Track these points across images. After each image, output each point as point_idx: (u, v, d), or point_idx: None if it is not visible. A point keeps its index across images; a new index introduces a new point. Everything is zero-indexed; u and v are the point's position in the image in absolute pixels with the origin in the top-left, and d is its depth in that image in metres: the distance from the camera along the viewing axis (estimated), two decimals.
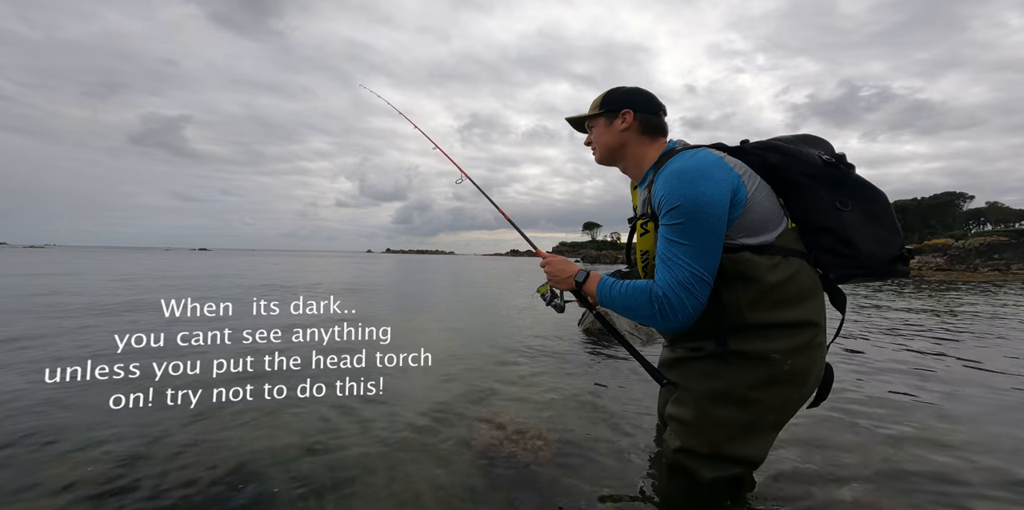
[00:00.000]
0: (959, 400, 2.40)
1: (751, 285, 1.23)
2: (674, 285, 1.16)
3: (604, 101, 1.44)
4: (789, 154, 1.31)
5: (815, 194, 1.29)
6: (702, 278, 1.17)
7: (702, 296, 1.18)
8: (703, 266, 1.17)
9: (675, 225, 1.19)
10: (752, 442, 1.30)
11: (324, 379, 2.62)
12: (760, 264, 1.22)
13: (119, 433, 1.76)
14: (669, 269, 1.18)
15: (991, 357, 3.47)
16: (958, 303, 8.00)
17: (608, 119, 1.44)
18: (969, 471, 1.58)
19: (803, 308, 1.27)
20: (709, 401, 1.30)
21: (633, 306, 1.23)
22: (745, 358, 1.25)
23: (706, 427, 1.31)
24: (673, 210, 1.19)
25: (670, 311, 1.17)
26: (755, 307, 1.24)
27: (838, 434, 1.88)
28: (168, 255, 40.25)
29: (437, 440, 1.75)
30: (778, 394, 1.27)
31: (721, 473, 1.32)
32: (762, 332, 1.25)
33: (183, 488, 1.37)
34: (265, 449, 1.65)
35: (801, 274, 1.27)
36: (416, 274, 16.35)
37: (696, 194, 1.17)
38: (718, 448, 1.30)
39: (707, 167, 1.22)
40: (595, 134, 1.48)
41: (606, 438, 1.80)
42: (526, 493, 1.38)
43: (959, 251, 30.02)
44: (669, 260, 1.19)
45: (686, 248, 1.17)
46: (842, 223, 1.28)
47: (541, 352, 3.36)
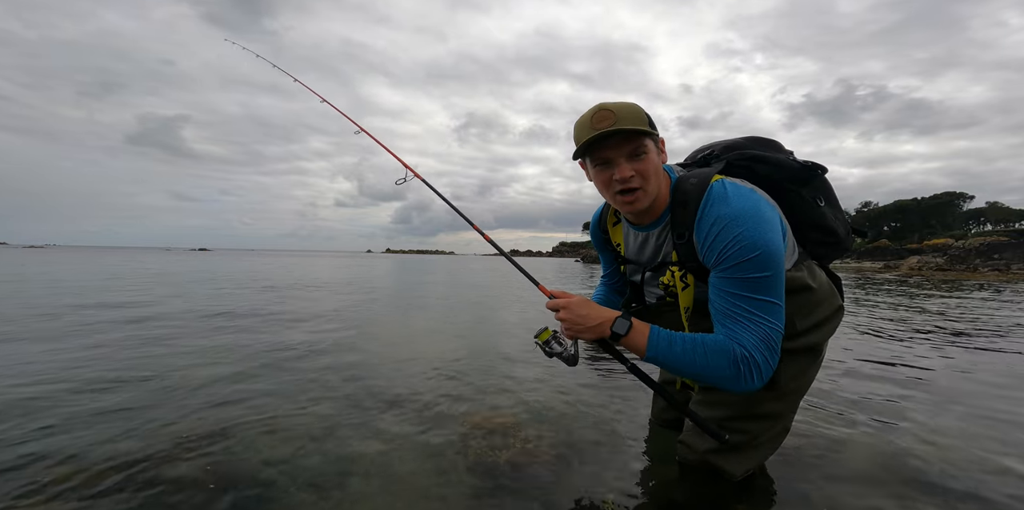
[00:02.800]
0: (963, 397, 2.40)
1: (798, 295, 1.29)
2: (760, 345, 1.05)
3: (649, 119, 1.16)
4: (774, 164, 1.35)
5: (799, 196, 1.36)
6: (781, 332, 1.09)
7: (779, 349, 1.09)
8: (781, 320, 1.09)
9: (751, 280, 1.06)
10: (784, 422, 1.39)
11: (323, 378, 2.63)
12: (799, 276, 1.29)
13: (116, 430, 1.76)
14: (748, 328, 1.06)
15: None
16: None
17: (656, 144, 1.19)
18: (977, 468, 1.58)
19: (832, 299, 1.38)
20: (757, 401, 1.33)
21: (707, 366, 1.07)
22: (794, 354, 1.30)
23: (749, 424, 1.35)
24: (747, 262, 1.05)
25: (756, 373, 1.06)
26: (803, 314, 1.31)
27: (837, 430, 1.88)
28: (165, 256, 40.26)
29: (433, 441, 1.75)
30: (809, 378, 1.38)
31: (749, 464, 1.38)
32: (809, 332, 1.33)
33: (169, 488, 1.37)
34: (262, 448, 1.64)
35: (819, 272, 1.38)
36: (417, 275, 16.37)
37: (769, 243, 1.06)
38: (757, 438, 1.36)
39: (763, 208, 1.11)
40: (649, 163, 1.15)
41: (605, 439, 1.80)
42: (525, 493, 1.38)
43: (959, 251, 30.00)
44: (747, 318, 1.07)
45: (767, 305, 1.07)
46: (824, 217, 1.37)
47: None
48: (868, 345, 3.89)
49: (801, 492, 1.42)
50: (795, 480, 1.49)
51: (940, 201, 69.83)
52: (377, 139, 1.93)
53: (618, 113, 1.11)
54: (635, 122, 1.11)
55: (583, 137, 1.14)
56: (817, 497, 1.40)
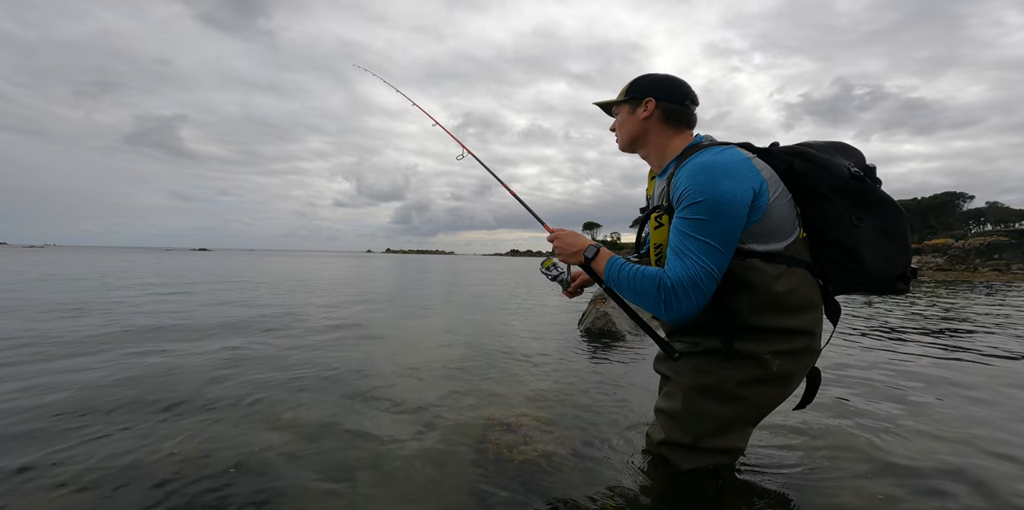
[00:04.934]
0: (958, 396, 2.40)
1: (756, 292, 1.26)
2: (684, 279, 1.17)
3: (630, 88, 1.45)
4: (818, 163, 1.28)
5: (835, 207, 1.28)
6: (712, 275, 1.18)
7: (708, 293, 1.19)
8: (715, 263, 1.18)
9: (694, 220, 1.18)
10: (731, 436, 1.38)
11: (325, 378, 2.63)
12: (766, 273, 1.25)
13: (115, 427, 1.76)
14: (682, 262, 1.18)
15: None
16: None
17: (632, 106, 1.44)
18: (965, 467, 1.58)
19: (801, 317, 1.29)
20: (697, 395, 1.36)
21: (639, 291, 1.23)
22: (738, 356, 1.30)
23: (691, 420, 1.38)
24: (694, 205, 1.18)
25: (675, 303, 1.18)
26: (756, 312, 1.27)
27: (829, 430, 1.88)
28: (171, 256, 40.27)
29: (436, 439, 1.75)
30: (764, 393, 1.33)
31: (698, 464, 1.40)
32: (758, 335, 1.28)
33: (171, 488, 1.37)
34: (265, 447, 1.64)
35: (804, 285, 1.29)
36: (417, 274, 16.38)
37: (719, 191, 1.17)
38: (699, 440, 1.38)
39: (734, 165, 1.21)
40: (618, 121, 1.50)
41: (605, 436, 1.80)
42: (524, 491, 1.38)
43: (959, 251, 30.03)
44: (683, 254, 1.19)
45: (701, 244, 1.17)
46: (854, 239, 1.28)
47: (541, 353, 3.36)
48: (868, 344, 3.89)
49: (801, 492, 1.42)
50: (795, 480, 1.49)
51: (940, 201, 69.79)
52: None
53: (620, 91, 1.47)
54: (618, 96, 1.47)
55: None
56: (818, 497, 1.40)
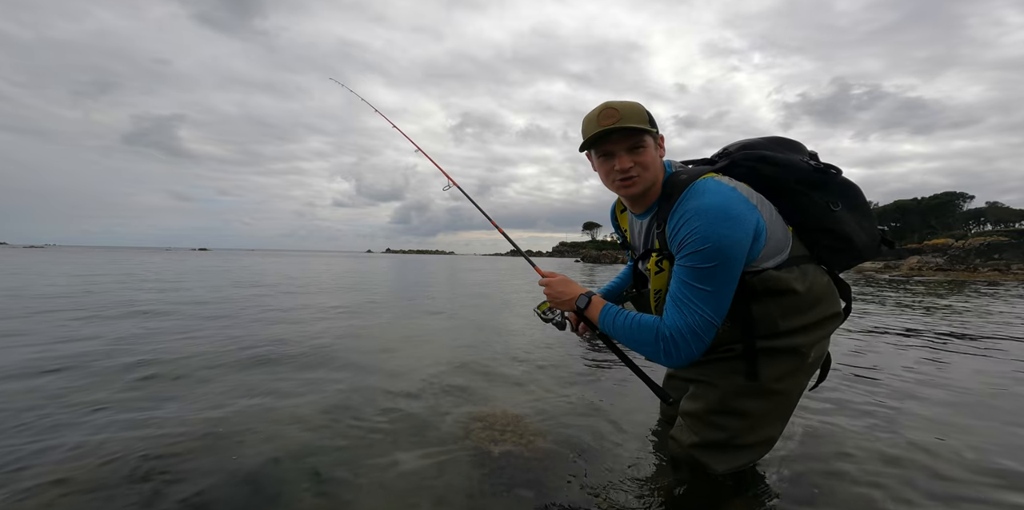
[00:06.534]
0: (968, 397, 2.39)
1: (783, 297, 1.28)
2: (683, 329, 1.16)
3: (650, 117, 1.28)
4: (780, 165, 1.33)
5: (808, 198, 1.34)
6: (711, 323, 1.17)
7: (708, 340, 1.18)
8: (715, 311, 1.17)
9: (694, 268, 1.16)
10: (769, 430, 1.39)
11: (324, 378, 2.62)
12: (786, 277, 1.27)
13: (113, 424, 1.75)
14: (680, 312, 1.17)
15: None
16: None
17: (655, 140, 1.31)
18: (975, 468, 1.57)
19: (826, 305, 1.35)
20: (735, 395, 1.35)
21: (637, 340, 1.24)
22: (776, 353, 1.31)
23: (728, 420, 1.36)
24: (696, 253, 1.15)
25: (675, 352, 1.18)
26: (787, 316, 1.30)
27: (840, 429, 1.87)
28: (163, 256, 40.32)
29: (433, 439, 1.74)
30: (798, 382, 1.36)
31: (733, 464, 1.39)
32: (792, 333, 1.31)
33: (171, 487, 1.36)
34: (261, 446, 1.63)
35: (818, 276, 1.35)
36: (418, 275, 16.39)
37: (722, 238, 1.14)
38: (737, 439, 1.37)
39: (732, 206, 1.18)
40: (647, 156, 1.27)
41: (605, 437, 1.79)
42: (523, 490, 1.37)
43: (959, 251, 30.04)
44: (682, 303, 1.18)
45: (701, 292, 1.16)
46: (838, 222, 1.34)
47: (539, 356, 3.35)
48: (868, 344, 3.88)
49: (802, 492, 1.41)
50: (795, 480, 1.48)
51: (940, 201, 69.80)
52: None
53: (622, 112, 1.24)
54: (636, 120, 1.24)
55: (590, 132, 1.27)
56: (818, 497, 1.39)
